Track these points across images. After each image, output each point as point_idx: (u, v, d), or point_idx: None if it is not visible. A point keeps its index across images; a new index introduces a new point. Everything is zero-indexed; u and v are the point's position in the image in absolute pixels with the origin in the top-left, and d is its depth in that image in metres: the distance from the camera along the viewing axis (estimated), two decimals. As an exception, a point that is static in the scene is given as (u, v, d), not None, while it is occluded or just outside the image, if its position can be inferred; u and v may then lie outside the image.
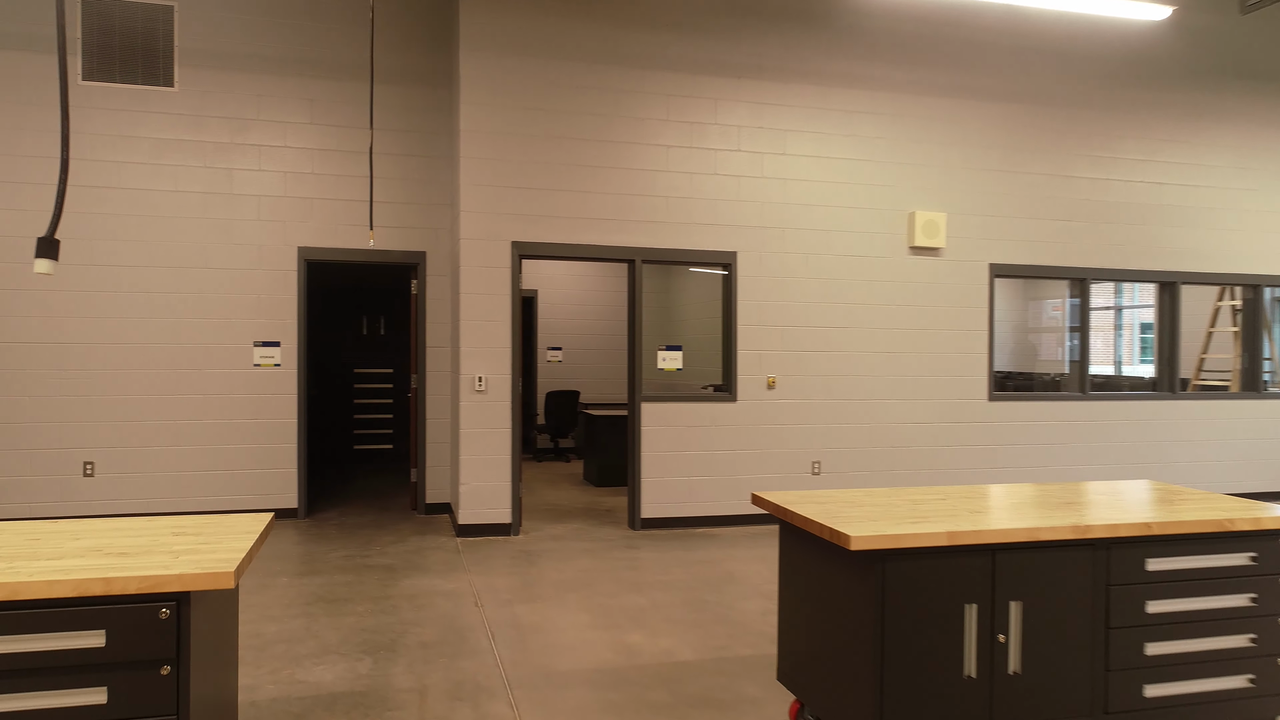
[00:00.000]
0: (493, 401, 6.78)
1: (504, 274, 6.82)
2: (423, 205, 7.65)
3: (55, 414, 6.90)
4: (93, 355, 6.97)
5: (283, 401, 7.33)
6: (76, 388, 6.94)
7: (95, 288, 6.97)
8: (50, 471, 6.89)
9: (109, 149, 6.99)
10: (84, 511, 6.95)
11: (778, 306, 7.42)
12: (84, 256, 6.95)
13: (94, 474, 6.97)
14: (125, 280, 7.03)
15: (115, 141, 7.00)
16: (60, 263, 6.91)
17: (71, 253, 6.92)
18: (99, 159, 6.98)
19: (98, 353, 6.98)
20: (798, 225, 7.47)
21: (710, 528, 7.22)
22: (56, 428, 6.90)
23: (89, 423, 6.96)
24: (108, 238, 6.99)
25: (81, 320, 6.95)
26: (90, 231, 6.96)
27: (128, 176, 7.03)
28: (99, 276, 6.97)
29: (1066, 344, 8.79)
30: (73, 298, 6.93)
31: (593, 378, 12.01)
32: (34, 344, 6.86)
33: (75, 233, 6.93)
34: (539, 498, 8.56)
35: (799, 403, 7.46)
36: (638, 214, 7.11)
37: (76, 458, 6.94)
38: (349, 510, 7.83)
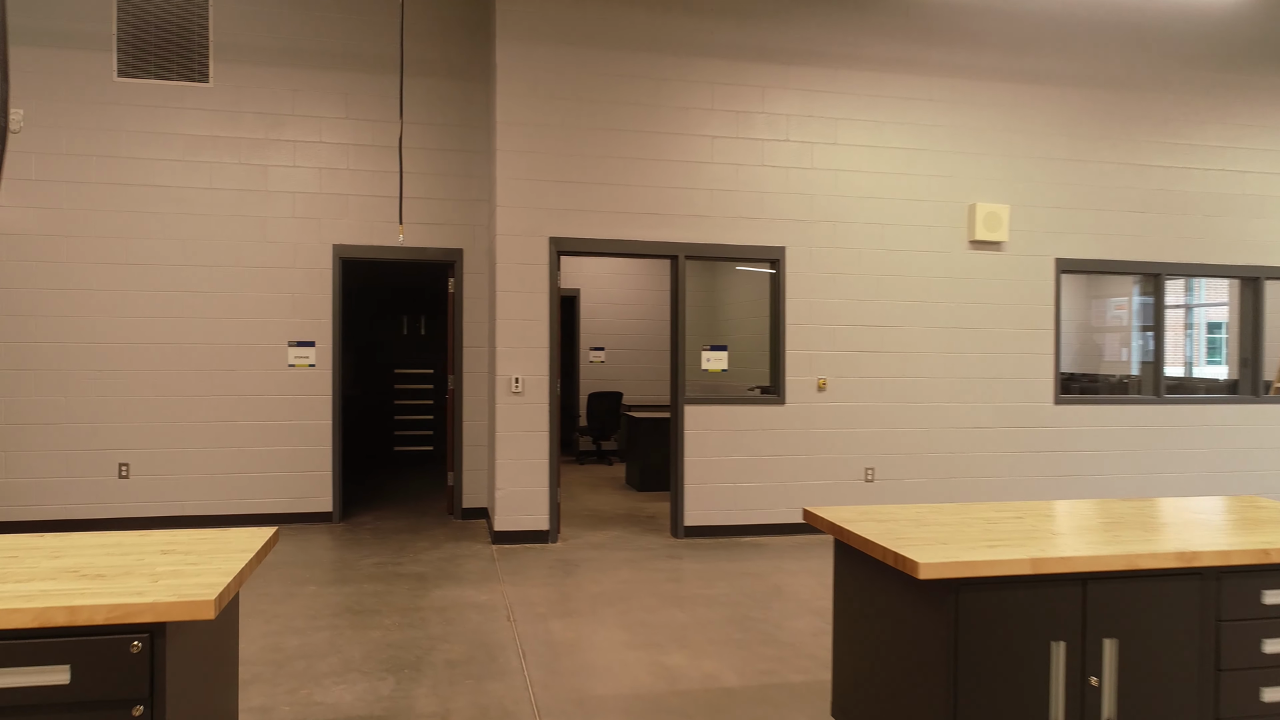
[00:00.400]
0: (530, 403, 6.53)
1: (542, 271, 6.56)
2: (460, 201, 7.44)
3: (90, 415, 6.82)
4: (127, 355, 6.87)
5: (317, 403, 7.16)
6: (111, 388, 6.85)
7: (130, 286, 6.87)
8: (85, 473, 6.81)
9: (143, 146, 6.89)
10: (119, 514, 6.86)
11: (828, 304, 7.05)
12: (119, 255, 6.86)
13: (129, 476, 6.88)
14: (160, 279, 6.92)
15: (150, 138, 6.90)
16: (93, 262, 6.82)
17: (106, 251, 6.84)
18: (134, 156, 6.88)
19: (132, 353, 6.88)
20: (850, 219, 7.09)
21: (756, 537, 6.88)
22: (91, 429, 6.82)
23: (123, 424, 6.87)
24: (143, 236, 6.89)
25: (116, 320, 6.85)
26: (125, 230, 6.87)
27: (162, 174, 6.92)
28: (134, 275, 6.88)
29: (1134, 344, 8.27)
30: (108, 297, 6.84)
31: (636, 379, 11.73)
32: (69, 344, 6.78)
33: (110, 231, 6.84)
34: (579, 503, 8.30)
35: (851, 406, 7.08)
36: (681, 208, 6.80)
37: (111, 459, 6.85)
38: (385, 514, 7.64)
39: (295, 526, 7.04)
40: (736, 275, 10.14)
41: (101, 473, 6.83)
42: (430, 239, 7.37)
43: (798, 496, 6.97)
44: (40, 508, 6.74)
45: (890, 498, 7.13)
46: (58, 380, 6.77)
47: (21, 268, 6.71)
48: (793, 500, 6.96)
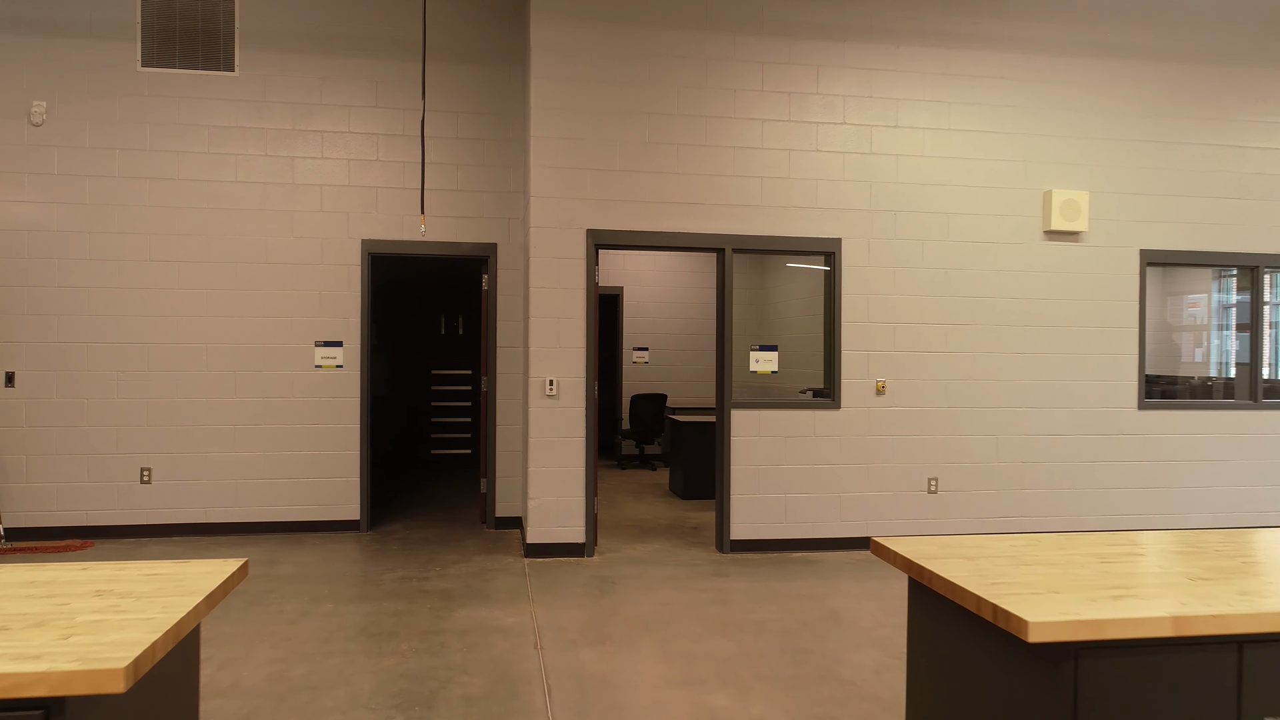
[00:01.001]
0: (565, 407, 6.10)
1: (578, 265, 6.14)
2: (494, 193, 7.05)
3: (113, 418, 6.57)
4: (150, 355, 6.62)
5: (345, 405, 6.83)
6: (134, 390, 6.60)
7: (153, 284, 6.62)
8: (108, 478, 6.57)
9: (168, 138, 6.63)
10: (140, 521, 6.60)
11: (889, 300, 6.50)
12: (142, 252, 6.60)
13: (151, 481, 6.62)
14: (183, 276, 6.66)
15: (174, 130, 6.64)
16: (117, 259, 6.58)
17: (129, 248, 6.59)
18: (158, 149, 6.62)
19: (155, 353, 6.63)
20: (912, 208, 6.54)
21: (809, 552, 6.36)
22: (114, 432, 6.58)
23: (147, 427, 6.61)
24: (166, 231, 6.63)
25: (139, 319, 6.60)
26: (149, 225, 6.61)
27: (187, 167, 6.65)
28: (157, 273, 6.62)
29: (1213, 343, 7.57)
30: (130, 295, 6.59)
31: (681, 380, 11.26)
32: (91, 344, 6.55)
33: (133, 227, 6.59)
34: (619, 511, 7.86)
35: (913, 410, 6.52)
36: (728, 197, 6.31)
37: (134, 464, 6.60)
38: (416, 522, 7.29)
39: (321, 535, 6.72)
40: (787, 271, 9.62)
41: (124, 477, 6.58)
42: (463, 233, 7.00)
43: (854, 509, 6.44)
44: (62, 513, 6.51)
45: (956, 511, 6.56)
46: (80, 381, 6.54)
47: (44, 265, 6.50)
48: (848, 513, 6.43)
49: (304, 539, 6.60)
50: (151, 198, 6.62)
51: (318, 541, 6.52)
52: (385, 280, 10.80)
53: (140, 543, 6.44)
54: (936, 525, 6.54)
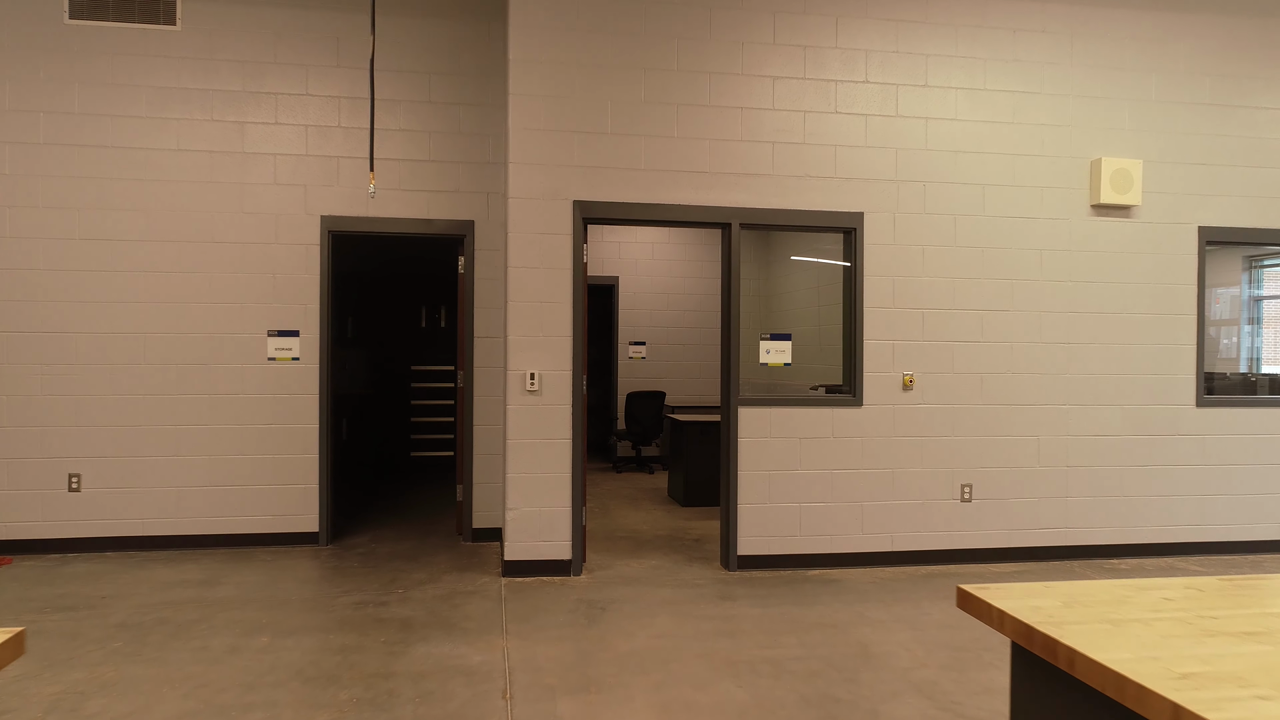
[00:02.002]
0: (549, 405, 5.33)
1: (564, 242, 5.36)
2: (473, 164, 6.27)
3: (36, 417, 5.80)
4: (80, 347, 5.84)
5: (302, 403, 6.05)
6: (61, 386, 5.82)
7: (85, 266, 5.84)
8: (31, 485, 5.79)
9: (101, 100, 5.85)
10: (68, 534, 5.82)
11: (917, 283, 5.74)
12: (71, 229, 5.83)
13: (80, 488, 5.84)
14: (120, 257, 5.88)
15: (108, 92, 5.86)
16: (42, 238, 5.80)
17: (56, 225, 5.81)
18: (89, 112, 5.85)
19: (85, 344, 5.85)
20: (943, 178, 5.77)
21: (827, 568, 5.59)
22: (38, 434, 5.80)
23: (75, 428, 5.83)
24: (99, 206, 5.85)
25: (67, 306, 5.82)
26: (80, 200, 5.83)
27: (124, 133, 5.88)
28: (89, 253, 5.84)
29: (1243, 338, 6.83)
30: (59, 278, 5.81)
31: (681, 377, 10.49)
32: (11, 334, 5.77)
33: (63, 201, 5.81)
34: (613, 520, 7.08)
35: (944, 408, 5.75)
36: (735, 165, 5.54)
37: (61, 469, 5.82)
38: (384, 534, 6.51)
39: (274, 550, 5.94)
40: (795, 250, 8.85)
41: (49, 485, 5.81)
42: (436, 209, 6.22)
43: (877, 519, 5.67)
44: (-21, 525, 5.74)
45: (992, 521, 5.79)
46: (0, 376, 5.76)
47: (-42, 243, 5.72)
48: (871, 524, 5.66)
49: (254, 554, 5.82)
50: (82, 168, 5.84)
51: (269, 557, 5.74)
52: (360, 269, 10.02)
53: (65, 559, 5.66)
54: (970, 538, 5.77)
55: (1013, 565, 5.75)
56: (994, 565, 5.75)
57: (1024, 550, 5.84)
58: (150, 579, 5.20)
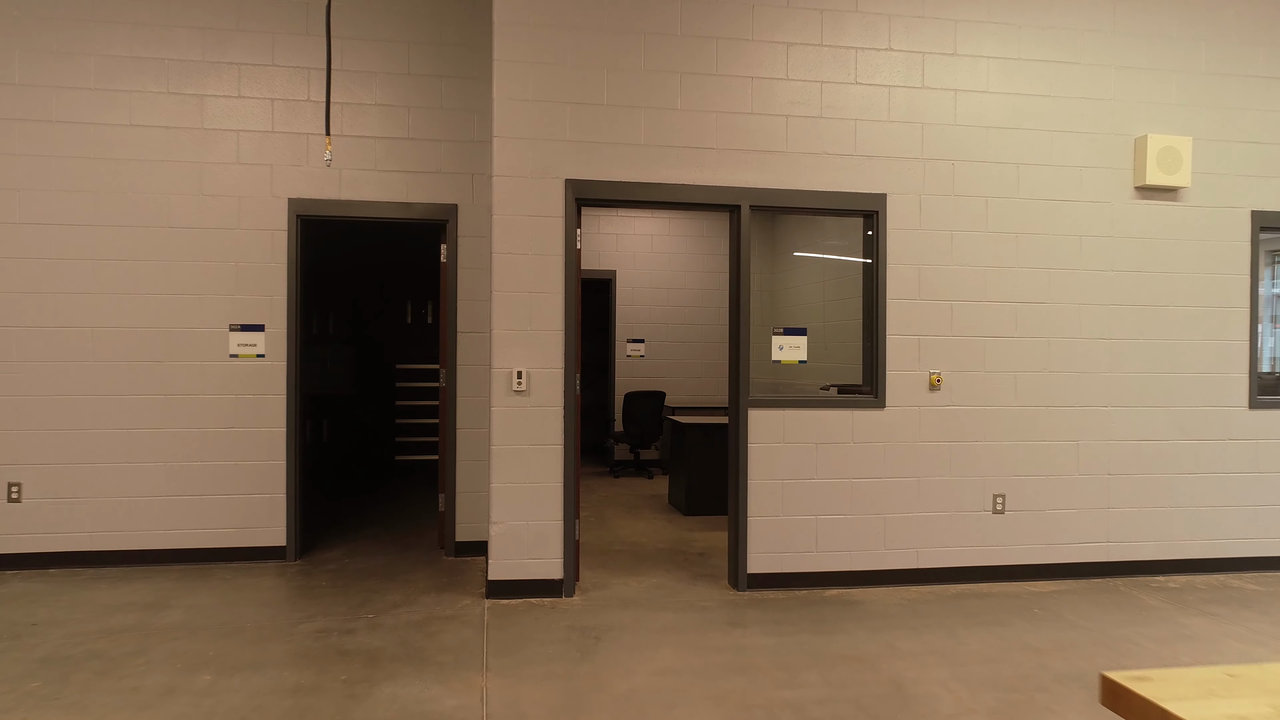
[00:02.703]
0: (538, 406, 4.79)
1: (555, 225, 4.82)
2: (456, 143, 5.73)
3: (-28, 419, 5.25)
4: (21, 342, 5.29)
5: (267, 404, 5.50)
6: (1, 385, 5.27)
7: (25, 252, 5.29)
8: (-34, 494, 5.24)
9: (44, 69, 5.30)
10: (7, 549, 5.27)
11: (944, 273, 5.20)
12: (10, 212, 5.27)
13: (21, 499, 5.28)
14: (66, 244, 5.33)
15: (52, 60, 5.31)
16: (-21, 219, 5.25)
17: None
18: (31, 83, 5.29)
19: (28, 339, 5.30)
20: (974, 156, 5.23)
21: (846, 588, 5.06)
22: (-26, 437, 5.25)
23: (16, 432, 5.28)
24: (42, 187, 5.30)
25: (7, 296, 5.27)
26: (19, 179, 5.28)
27: (69, 106, 5.32)
28: (30, 239, 5.29)
29: None
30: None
31: (682, 376, 9.94)
32: (-55, 326, 5.23)
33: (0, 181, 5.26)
34: (610, 531, 6.54)
35: (975, 410, 5.22)
36: (745, 140, 5.00)
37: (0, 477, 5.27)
38: (359, 547, 5.96)
39: (236, 567, 5.39)
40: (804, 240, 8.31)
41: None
42: (416, 191, 5.67)
43: (901, 533, 5.13)
44: (-93, 539, 5.18)
45: (1026, 535, 5.25)
46: (-68, 374, 5.22)
47: (-116, 227, 5.17)
48: (894, 538, 5.12)
49: (213, 572, 5.27)
50: (23, 144, 5.29)
51: (229, 575, 5.19)
52: (341, 259, 9.46)
53: (1, 578, 5.11)
54: (1003, 553, 5.23)
55: (1050, 583, 5.21)
56: (1030, 583, 5.21)
57: (1062, 567, 5.30)
58: (91, 602, 4.65)
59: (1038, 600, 4.86)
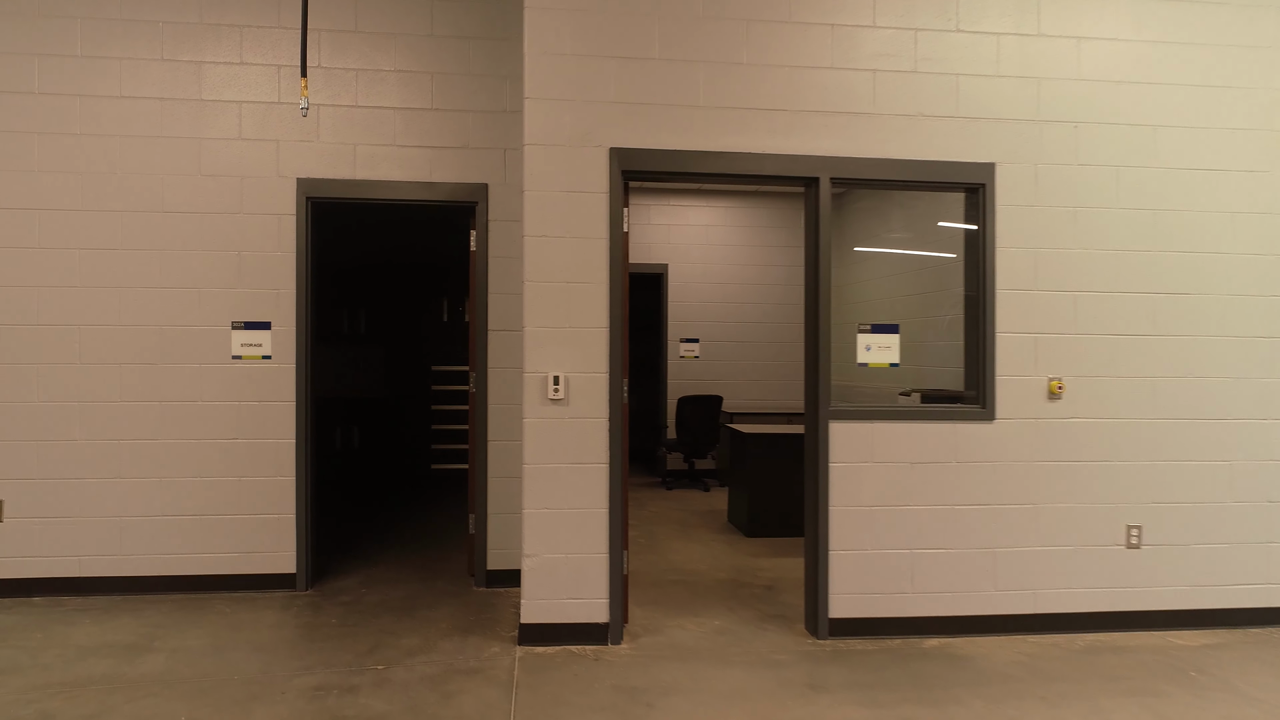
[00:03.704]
0: (579, 418, 4.03)
1: (598, 203, 4.06)
2: (486, 114, 5.01)
3: (-54, 429, 4.68)
4: (0, 343, 4.70)
5: (274, 412, 4.84)
6: (-22, 390, 4.69)
7: (3, 242, 4.70)
8: (-59, 513, 4.68)
9: (23, 35, 4.70)
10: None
11: (1066, 258, 4.32)
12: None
13: (2, 517, 4.70)
14: (47, 231, 4.73)
15: (29, 24, 4.71)
16: (-46, 205, 4.68)
17: (-29, 190, 4.69)
18: (9, 50, 4.70)
19: (5, 340, 4.71)
20: (1102, 117, 4.34)
21: (949, 637, 4.21)
22: (-51, 449, 4.68)
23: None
24: (21, 167, 4.71)
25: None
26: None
27: (52, 76, 4.73)
28: (7, 227, 4.70)
29: None
30: (-25, 257, 4.69)
31: (739, 379, 9.12)
32: (-83, 325, 4.66)
33: (-23, 161, 4.69)
34: (662, 556, 5.76)
35: (1103, 424, 4.32)
36: (824, 100, 4.19)
37: (-22, 493, 4.70)
38: (379, 573, 5.27)
39: (239, 597, 4.74)
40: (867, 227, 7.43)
41: (-37, 513, 4.69)
42: (441, 169, 4.96)
43: (1014, 571, 4.26)
44: (-123, 563, 4.63)
45: (1169, 575, 4.34)
46: (-95, 378, 4.66)
47: None
48: (1006, 578, 4.26)
49: (211, 603, 4.62)
50: (1, 119, 4.70)
51: (228, 608, 4.53)
52: (372, 251, 8.84)
53: (-25, 609, 4.53)
54: (1139, 596, 4.33)
55: (1200, 634, 4.29)
56: (1173, 633, 4.30)
57: (1212, 613, 4.38)
58: (65, 642, 4.02)
59: (1190, 658, 3.96)
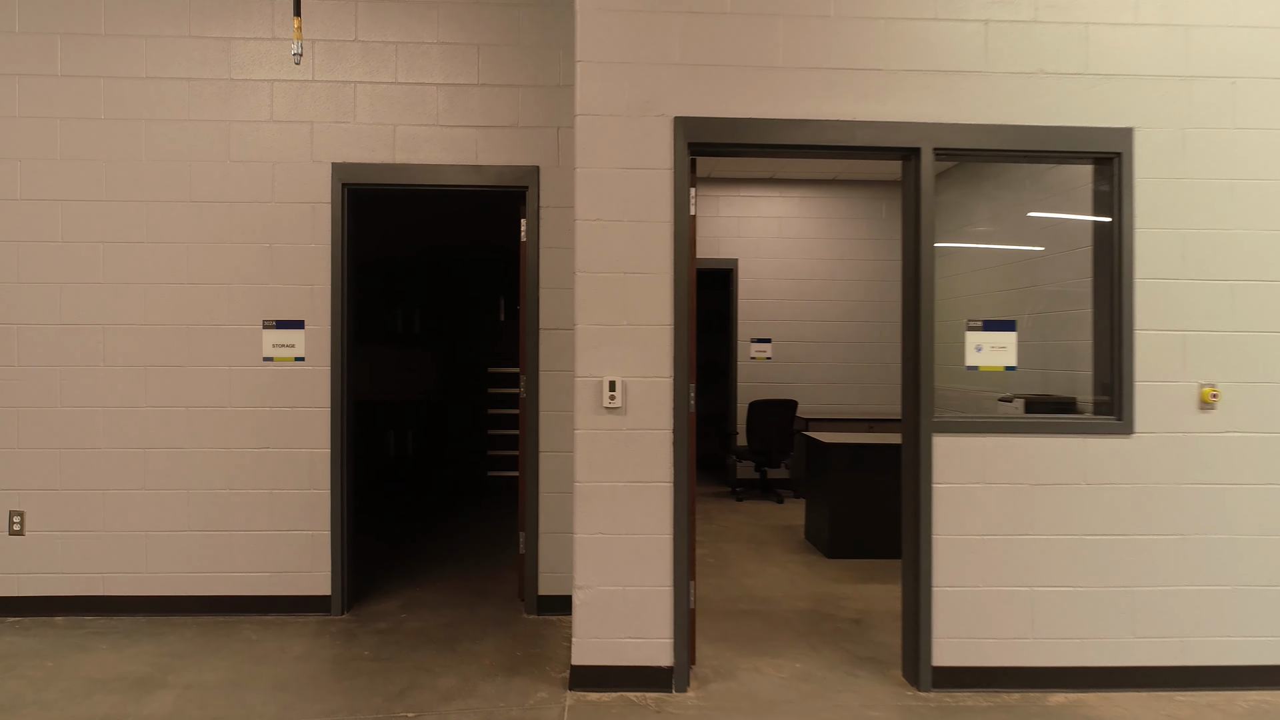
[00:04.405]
0: (638, 430, 3.49)
1: (660, 182, 3.51)
2: (537, 89, 4.51)
3: (-34, 435, 4.39)
4: (23, 342, 4.39)
5: (307, 419, 4.43)
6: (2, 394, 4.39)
7: (25, 235, 4.39)
8: (-39, 525, 4.39)
9: (43, 13, 4.38)
10: (8, 590, 4.38)
11: (1222, 240, 3.61)
12: (10, 186, 4.38)
13: (24, 530, 4.39)
14: (71, 223, 4.40)
15: (55, 2, 4.39)
16: (-26, 196, 4.38)
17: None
18: (29, 30, 4.39)
19: (31, 339, 4.39)
20: (1263, 71, 3.62)
21: (1078, 690, 3.54)
22: (-31, 457, 4.39)
23: (18, 449, 4.39)
24: (44, 155, 4.39)
25: (8, 288, 4.39)
26: (18, 147, 4.38)
27: (75, 57, 4.40)
28: (31, 219, 4.39)
29: None
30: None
31: (815, 381, 8.47)
32: (-64, 324, 4.38)
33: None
34: (733, 580, 5.18)
35: (1265, 439, 3.60)
36: (925, 58, 3.57)
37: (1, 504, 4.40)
38: (423, 595, 4.82)
39: (269, 621, 4.33)
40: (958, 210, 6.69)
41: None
42: (489, 151, 4.48)
43: (1156, 614, 3.57)
44: (-104, 578, 4.36)
45: (1348, 621, 3.59)
46: (-74, 381, 4.39)
47: None
48: (1147, 621, 3.57)
49: (238, 628, 4.22)
50: (19, 103, 4.39)
51: (256, 634, 4.13)
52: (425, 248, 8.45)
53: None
54: (1311, 646, 3.60)
55: (1392, 697, 3.54)
56: (1357, 694, 3.55)
57: (1406, 670, 3.61)
58: (75, 672, 3.65)
59: (1388, 729, 3.22)
